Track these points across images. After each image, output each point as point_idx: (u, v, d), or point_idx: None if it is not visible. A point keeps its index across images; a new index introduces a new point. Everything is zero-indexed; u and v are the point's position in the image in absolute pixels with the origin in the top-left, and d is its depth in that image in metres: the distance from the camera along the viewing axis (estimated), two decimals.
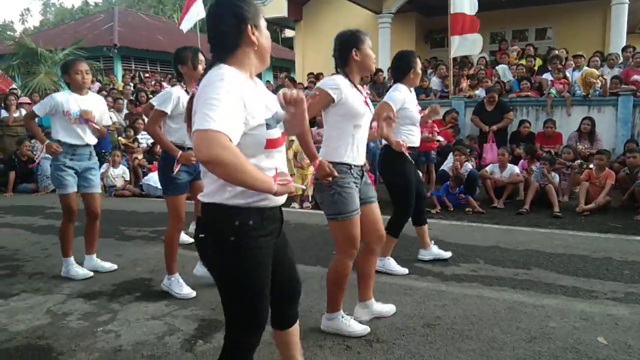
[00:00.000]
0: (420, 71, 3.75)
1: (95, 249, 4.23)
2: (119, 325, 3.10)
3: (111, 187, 8.13)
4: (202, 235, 1.70)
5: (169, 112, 3.48)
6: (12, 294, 3.67)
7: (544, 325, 2.96)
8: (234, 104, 1.53)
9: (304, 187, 5.59)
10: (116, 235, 5.41)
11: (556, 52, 9.72)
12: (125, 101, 10.21)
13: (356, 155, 2.73)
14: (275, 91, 4.30)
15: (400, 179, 3.70)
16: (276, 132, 1.70)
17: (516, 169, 6.85)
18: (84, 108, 3.91)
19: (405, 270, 3.94)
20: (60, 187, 3.98)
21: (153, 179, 7.87)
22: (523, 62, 9.89)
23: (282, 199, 1.75)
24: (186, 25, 10.56)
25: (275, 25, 19.97)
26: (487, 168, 7.00)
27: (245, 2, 1.71)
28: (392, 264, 3.94)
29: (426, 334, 2.88)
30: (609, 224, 5.53)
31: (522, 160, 7.18)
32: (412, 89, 3.85)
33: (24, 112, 9.61)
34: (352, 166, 2.71)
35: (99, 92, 11.30)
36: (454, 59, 9.11)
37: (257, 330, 1.76)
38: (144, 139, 9.21)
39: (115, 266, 4.23)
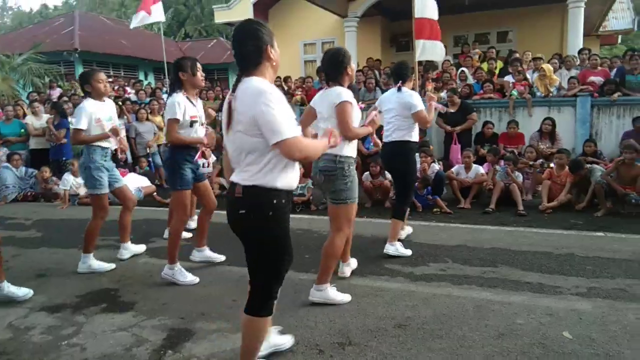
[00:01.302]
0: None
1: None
2: (84, 338, 3.01)
3: (74, 196, 7.89)
4: (243, 212, 2.15)
5: (181, 119, 3.85)
6: None
7: (511, 322, 3.03)
8: (286, 107, 2.08)
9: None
10: (79, 245, 5.24)
11: (516, 54, 9.98)
12: None
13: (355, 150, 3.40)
14: None
15: (413, 169, 4.55)
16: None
17: (481, 169, 7.00)
18: (105, 114, 4.31)
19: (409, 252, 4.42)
20: (98, 188, 4.32)
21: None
22: (485, 65, 10.11)
23: (295, 184, 2.30)
24: (136, 23, 10.42)
25: None
26: (453, 169, 7.13)
27: (264, 27, 2.22)
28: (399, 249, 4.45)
29: (398, 334, 2.91)
30: (571, 221, 5.70)
31: (486, 163, 7.33)
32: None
33: None
34: (354, 159, 3.37)
35: (59, 97, 10.99)
36: (419, 62, 9.24)
37: (282, 280, 2.30)
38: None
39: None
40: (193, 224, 5.43)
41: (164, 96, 11.04)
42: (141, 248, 4.87)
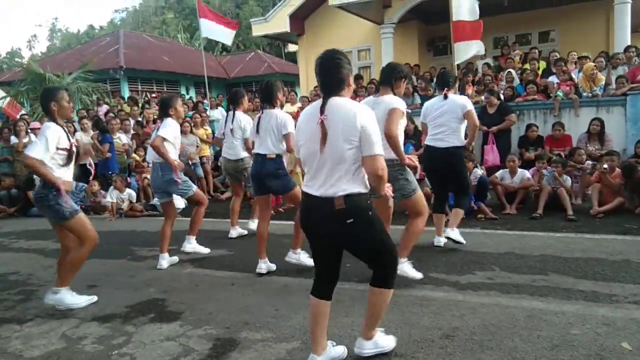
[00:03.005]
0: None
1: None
2: (133, 348, 3.08)
3: (120, 209, 8.16)
4: (351, 220, 2.46)
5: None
6: (27, 319, 3.67)
7: (565, 333, 2.90)
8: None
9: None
10: (128, 257, 5.41)
11: (557, 54, 9.65)
12: (132, 122, 10.28)
13: None
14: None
15: (466, 169, 5.16)
16: None
17: (527, 174, 6.78)
18: (178, 134, 4.87)
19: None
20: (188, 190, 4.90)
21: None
22: (527, 66, 9.84)
23: None
24: (207, 33, 11.38)
25: (279, 41, 20.16)
26: (497, 174, 6.94)
27: (345, 57, 2.58)
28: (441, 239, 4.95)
29: (445, 345, 2.83)
30: (624, 226, 5.44)
31: (533, 168, 7.07)
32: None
33: (33, 137, 9.71)
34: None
35: (106, 114, 11.41)
36: (458, 65, 9.10)
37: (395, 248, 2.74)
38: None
39: (208, 250, 5.26)
40: (253, 225, 5.77)
41: (206, 109, 11.34)
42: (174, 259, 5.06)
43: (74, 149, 3.76)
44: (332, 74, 2.54)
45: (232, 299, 3.85)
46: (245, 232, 5.98)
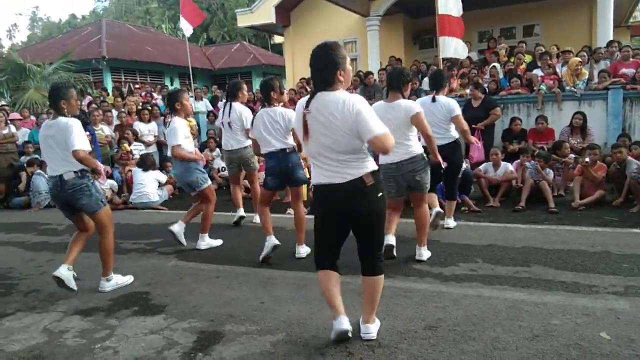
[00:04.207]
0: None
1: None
2: (117, 342, 3.05)
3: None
4: (380, 194, 2.72)
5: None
6: (7, 313, 3.62)
7: (546, 323, 2.94)
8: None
9: None
10: None
11: (542, 48, 9.75)
12: (115, 113, 10.14)
13: None
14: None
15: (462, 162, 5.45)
16: None
17: (510, 167, 6.85)
18: (187, 131, 4.99)
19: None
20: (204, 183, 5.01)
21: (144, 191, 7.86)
22: (512, 60, 9.91)
23: None
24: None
25: (264, 32, 20.00)
26: (481, 167, 6.99)
27: (337, 51, 2.64)
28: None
29: (428, 336, 2.86)
30: (605, 218, 5.54)
31: (516, 161, 7.14)
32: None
33: (13, 128, 9.53)
34: None
35: (88, 105, 11.23)
36: (444, 59, 9.13)
37: None
38: (137, 150, 9.15)
39: (221, 241, 5.24)
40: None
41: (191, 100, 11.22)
42: (218, 242, 5.24)
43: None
44: (321, 69, 2.64)
45: (217, 292, 3.84)
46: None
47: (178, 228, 5.11)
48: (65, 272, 3.83)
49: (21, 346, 3.07)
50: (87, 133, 8.40)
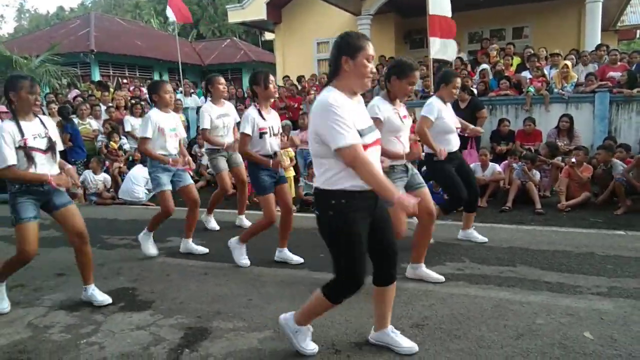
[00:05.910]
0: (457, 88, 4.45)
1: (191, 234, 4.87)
2: (102, 337, 3.03)
3: (93, 195, 8.02)
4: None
5: (251, 134, 4.03)
6: None
7: (530, 322, 2.98)
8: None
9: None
10: (98, 244, 5.30)
11: (531, 50, 9.84)
12: (103, 108, 10.04)
13: None
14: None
15: (441, 177, 4.54)
16: (368, 139, 2.35)
17: (497, 168, 6.91)
18: (169, 125, 4.51)
19: None
20: (158, 187, 4.54)
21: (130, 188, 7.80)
22: (501, 61, 9.99)
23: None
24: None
25: (255, 28, 19.92)
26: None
27: (346, 38, 2.49)
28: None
29: (415, 334, 2.88)
30: (590, 220, 5.61)
31: (504, 162, 7.20)
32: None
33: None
34: None
35: (74, 98, 11.11)
36: (434, 60, 9.17)
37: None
38: (127, 146, 9.06)
39: (206, 250, 4.82)
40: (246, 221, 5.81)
41: (179, 96, 11.11)
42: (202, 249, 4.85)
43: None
44: (330, 57, 2.47)
45: (205, 288, 3.83)
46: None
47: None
48: None
49: (5, 341, 3.04)
50: (65, 133, 8.35)
